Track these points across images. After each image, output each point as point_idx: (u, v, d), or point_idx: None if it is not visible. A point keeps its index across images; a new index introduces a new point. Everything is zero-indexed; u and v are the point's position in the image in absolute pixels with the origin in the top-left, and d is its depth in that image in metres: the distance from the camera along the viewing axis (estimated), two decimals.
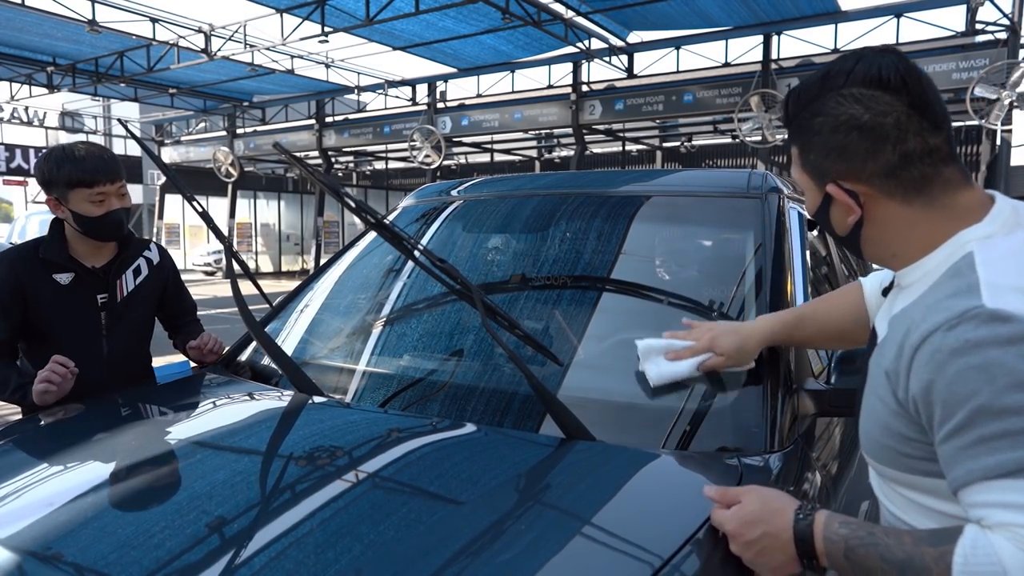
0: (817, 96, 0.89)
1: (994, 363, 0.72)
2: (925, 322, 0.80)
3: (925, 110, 0.85)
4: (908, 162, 0.85)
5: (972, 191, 0.88)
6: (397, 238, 1.25)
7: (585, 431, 1.24)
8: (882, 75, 0.85)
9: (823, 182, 0.91)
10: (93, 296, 1.89)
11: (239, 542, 0.96)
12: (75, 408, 1.68)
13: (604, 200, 1.89)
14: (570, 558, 0.92)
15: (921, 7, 12.02)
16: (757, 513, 0.91)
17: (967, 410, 0.73)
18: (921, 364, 0.78)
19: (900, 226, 0.89)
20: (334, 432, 1.35)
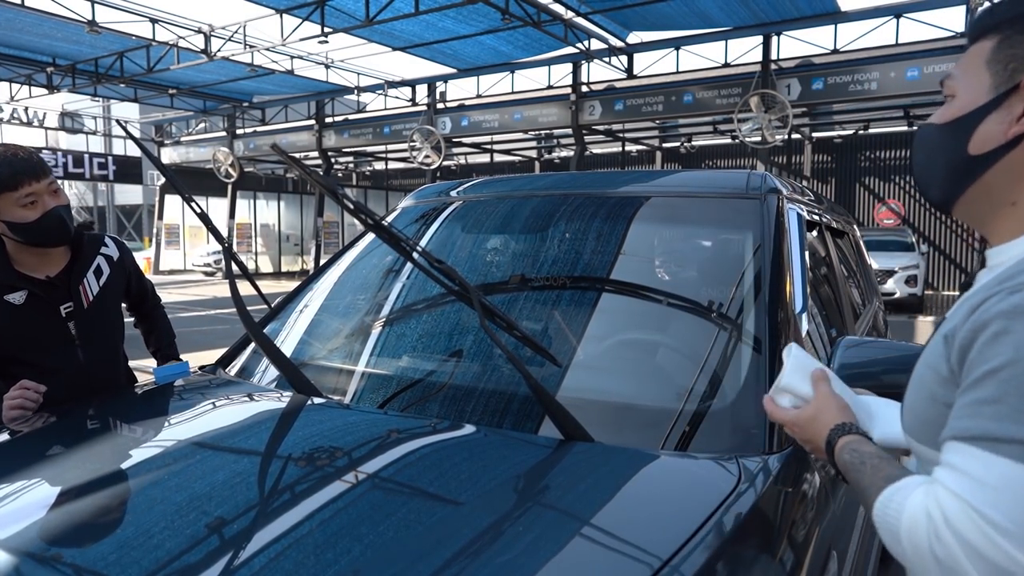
0: None
1: None
2: (993, 287, 0.75)
3: None
4: None
5: None
6: (395, 239, 1.25)
7: (584, 432, 1.24)
8: None
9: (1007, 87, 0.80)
10: (54, 308, 1.74)
11: (238, 543, 0.96)
12: (74, 409, 1.68)
13: (603, 201, 1.89)
14: (569, 559, 0.92)
15: (921, 7, 12.04)
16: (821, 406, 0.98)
17: (981, 371, 0.71)
18: (971, 321, 0.74)
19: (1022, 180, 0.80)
20: (333, 433, 1.35)
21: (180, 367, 1.86)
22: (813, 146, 19.04)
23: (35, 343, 1.72)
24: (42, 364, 1.70)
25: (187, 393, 1.73)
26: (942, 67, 11.65)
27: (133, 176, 24.36)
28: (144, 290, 2.07)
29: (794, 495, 1.23)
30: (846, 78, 12.43)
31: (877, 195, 18.60)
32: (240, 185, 21.75)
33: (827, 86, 12.62)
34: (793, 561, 1.13)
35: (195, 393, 1.72)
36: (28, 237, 1.67)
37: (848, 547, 1.51)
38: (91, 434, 1.47)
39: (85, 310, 1.78)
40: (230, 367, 1.85)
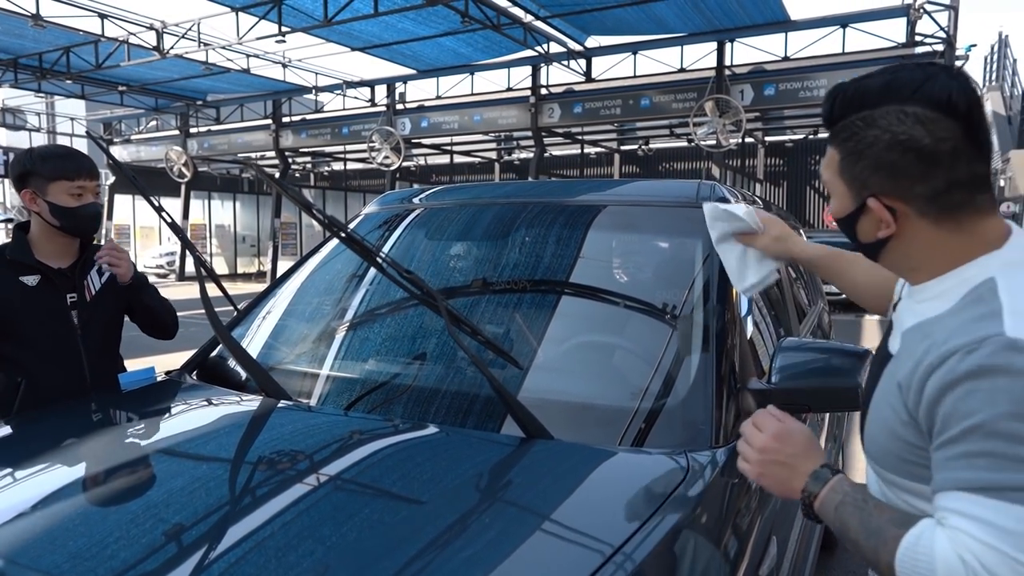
0: (875, 104, 0.87)
1: (1001, 390, 0.76)
2: (946, 344, 0.81)
3: (978, 138, 0.85)
4: (952, 188, 0.86)
5: (997, 219, 0.90)
6: (366, 250, 1.30)
7: (544, 430, 1.31)
8: (952, 100, 0.84)
9: (863, 193, 0.90)
10: (62, 296, 1.92)
11: (202, 546, 0.97)
12: (36, 417, 1.67)
13: (561, 209, 1.96)
14: (528, 550, 0.97)
15: (865, 19, 12.48)
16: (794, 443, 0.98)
17: (962, 426, 0.77)
18: (935, 381, 0.81)
19: (925, 245, 0.90)
20: (300, 436, 1.38)
21: (145, 373, 1.87)
22: (766, 150, 19.54)
23: (40, 325, 1.88)
24: (44, 347, 1.87)
25: (153, 399, 1.73)
26: None
27: None
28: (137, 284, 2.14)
29: (739, 486, 1.30)
30: (796, 84, 12.81)
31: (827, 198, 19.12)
32: (194, 185, 21.21)
33: (779, 92, 12.98)
34: (736, 546, 1.21)
35: (161, 398, 1.72)
36: (64, 221, 1.88)
37: (790, 534, 1.61)
38: (53, 442, 1.46)
39: (88, 303, 1.95)
40: (196, 372, 1.86)
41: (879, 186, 0.89)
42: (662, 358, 1.51)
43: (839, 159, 0.92)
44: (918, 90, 0.85)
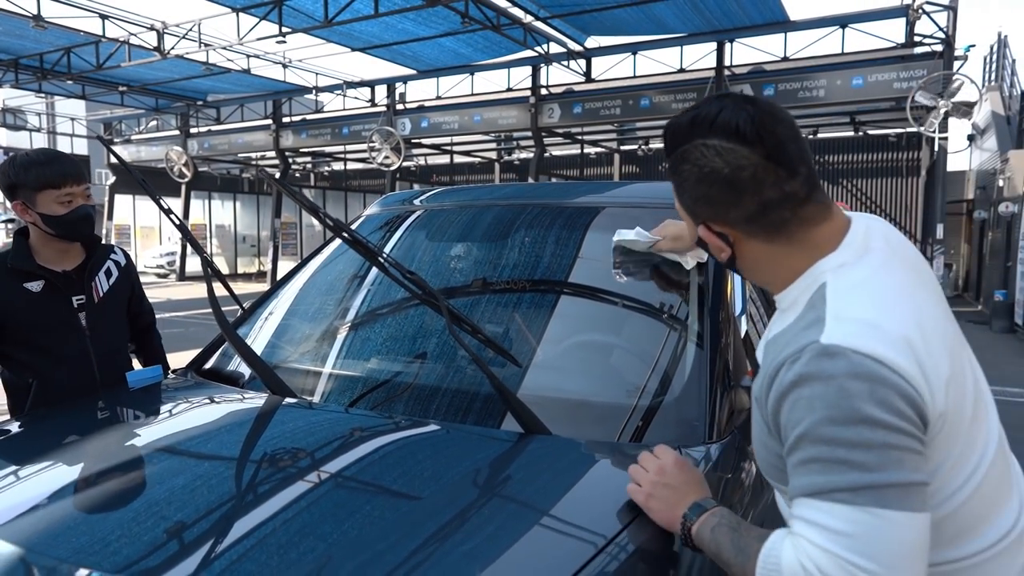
0: (686, 139, 0.93)
1: (817, 396, 0.80)
2: (781, 354, 0.87)
3: (781, 159, 0.89)
4: (767, 209, 0.90)
5: (830, 223, 0.93)
6: (370, 252, 1.33)
7: (543, 426, 1.33)
8: (740, 128, 0.88)
9: (696, 222, 0.98)
10: (68, 299, 1.92)
11: (206, 541, 0.98)
12: (46, 415, 1.70)
13: (560, 210, 1.99)
14: (526, 542, 0.99)
15: (864, 19, 12.50)
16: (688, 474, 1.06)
17: (794, 435, 0.82)
18: (773, 392, 0.86)
19: (766, 261, 0.95)
20: (304, 433, 1.40)
21: (153, 371, 1.91)
22: None
23: (47, 329, 1.88)
24: (53, 350, 1.87)
25: (160, 397, 1.76)
26: (885, 76, 12.13)
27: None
28: (142, 298, 2.21)
29: (732, 480, 1.33)
30: (795, 85, 12.82)
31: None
32: (194, 185, 21.22)
33: (778, 92, 12.98)
34: None
35: (168, 396, 1.74)
36: (58, 229, 1.86)
37: None
38: (63, 440, 1.49)
39: (95, 304, 1.96)
40: (202, 369, 1.89)
41: (703, 215, 0.96)
42: (658, 356, 1.54)
43: (676, 193, 0.99)
44: (713, 123, 0.90)
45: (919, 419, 0.80)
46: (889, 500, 0.77)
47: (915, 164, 17.16)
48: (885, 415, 0.78)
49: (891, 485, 0.77)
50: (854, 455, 0.78)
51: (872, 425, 0.78)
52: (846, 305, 0.85)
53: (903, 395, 0.79)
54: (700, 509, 0.99)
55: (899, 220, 18.29)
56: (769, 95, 13.06)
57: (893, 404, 0.78)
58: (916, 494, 0.79)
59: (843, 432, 0.78)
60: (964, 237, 18.69)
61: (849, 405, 0.78)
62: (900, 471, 0.78)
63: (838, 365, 0.80)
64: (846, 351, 0.80)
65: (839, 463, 0.79)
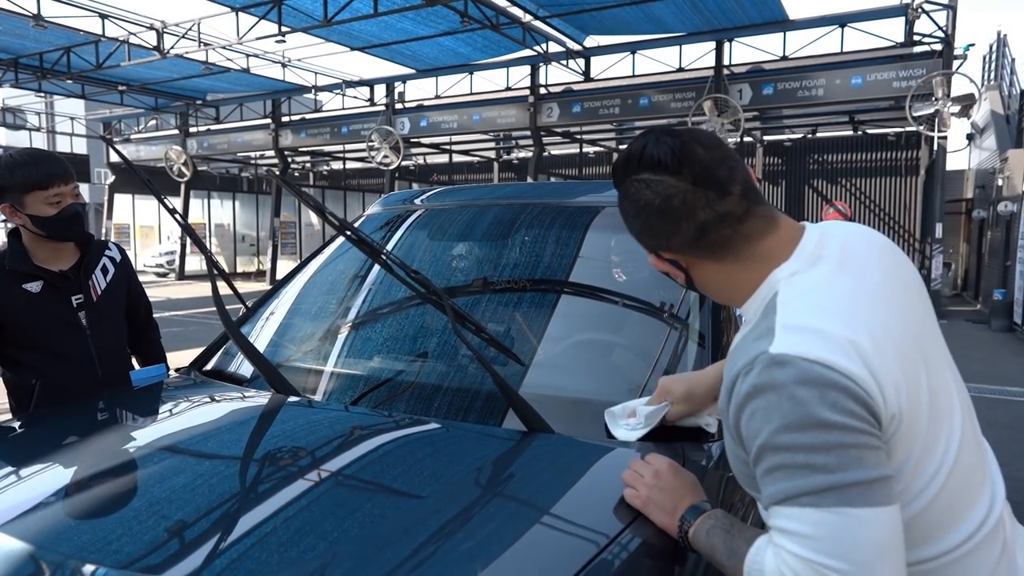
0: (623, 177, 0.99)
1: (771, 406, 0.82)
2: (736, 365, 0.89)
3: (709, 182, 0.93)
4: (705, 231, 0.94)
5: (777, 234, 0.96)
6: (375, 252, 1.34)
7: (545, 424, 1.33)
8: (661, 160, 0.94)
9: (648, 252, 1.03)
10: (67, 299, 1.91)
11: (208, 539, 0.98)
12: (49, 414, 1.70)
13: (561, 210, 2.00)
14: (527, 541, 0.99)
15: (863, 18, 12.50)
16: (684, 479, 1.07)
17: (756, 447, 0.84)
18: (732, 407, 0.89)
19: (721, 279, 0.99)
20: (307, 431, 1.40)
21: (157, 370, 1.90)
22: (764, 149, 19.56)
23: (48, 329, 1.87)
24: (55, 350, 1.86)
25: (164, 395, 1.75)
26: (884, 75, 12.14)
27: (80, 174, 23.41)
28: (140, 295, 2.19)
29: (734, 479, 1.35)
30: (795, 84, 12.82)
31: (825, 197, 19.22)
32: (193, 184, 21.21)
33: (777, 92, 12.99)
34: None
35: (172, 395, 1.74)
36: (48, 230, 1.84)
37: None
38: (68, 438, 1.49)
39: (94, 303, 1.94)
40: (205, 368, 1.89)
41: (650, 244, 1.01)
42: (659, 355, 1.54)
43: (626, 226, 1.04)
44: (640, 158, 0.96)
45: (872, 418, 0.82)
46: (853, 498, 0.79)
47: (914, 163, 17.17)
48: (837, 416, 0.80)
49: (854, 483, 0.79)
50: (813, 458, 0.80)
51: (827, 428, 0.80)
52: (794, 313, 0.88)
53: (853, 396, 0.81)
54: (696, 512, 1.01)
55: (898, 219, 18.30)
56: (768, 94, 13.07)
57: (844, 405, 0.80)
58: (880, 489, 0.80)
59: (799, 438, 0.80)
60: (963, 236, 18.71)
61: (802, 411, 0.80)
62: (861, 469, 0.79)
63: (787, 373, 0.82)
64: (794, 359, 0.82)
65: (800, 468, 0.80)
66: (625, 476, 1.10)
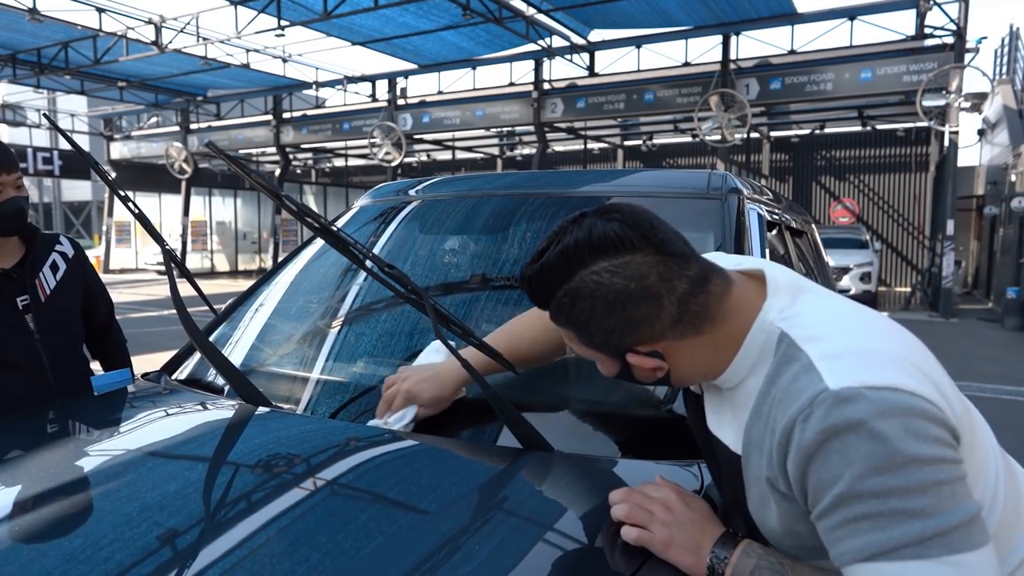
0: (565, 277, 0.84)
1: (850, 448, 0.74)
2: (781, 418, 0.80)
3: (671, 249, 0.83)
4: (685, 303, 0.84)
5: (736, 285, 0.88)
6: (343, 243, 1.19)
7: (543, 441, 1.21)
8: (622, 239, 0.82)
9: (620, 355, 0.88)
10: (10, 300, 1.77)
11: (184, 558, 0.90)
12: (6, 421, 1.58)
13: (564, 201, 1.86)
14: (528, 568, 0.89)
15: (873, 10, 12.38)
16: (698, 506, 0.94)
17: (832, 495, 0.75)
18: (791, 460, 0.79)
19: (703, 352, 0.87)
20: (282, 442, 1.29)
21: (120, 375, 1.77)
22: (771, 145, 19.44)
23: None
24: (1, 358, 1.70)
25: (130, 403, 1.64)
26: (894, 69, 11.98)
27: (81, 172, 23.47)
28: (99, 293, 2.03)
29: None
30: (803, 79, 12.70)
31: (833, 193, 19.10)
32: (195, 181, 21.20)
33: (784, 86, 12.88)
34: None
35: (138, 403, 1.63)
36: None
37: None
38: (27, 448, 1.38)
39: (43, 304, 1.79)
40: (176, 374, 1.77)
41: (626, 342, 0.86)
42: None
43: (576, 336, 0.89)
44: (591, 247, 0.83)
45: (952, 437, 0.76)
46: (960, 542, 0.71)
47: (924, 159, 17.02)
48: (925, 448, 0.73)
49: (955, 527, 0.72)
50: (909, 503, 0.72)
51: (920, 464, 0.72)
52: (827, 342, 0.81)
53: (933, 418, 0.74)
54: (726, 547, 0.89)
55: (907, 216, 18.16)
56: (776, 89, 12.94)
57: (929, 433, 0.73)
58: (977, 527, 0.73)
59: (891, 480, 0.72)
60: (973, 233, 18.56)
61: (887, 449, 0.72)
62: (957, 508, 0.72)
63: (861, 408, 0.74)
64: (860, 390, 0.74)
65: (895, 515, 0.72)
66: (626, 513, 0.94)
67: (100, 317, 2.03)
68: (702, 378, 0.92)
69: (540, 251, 0.87)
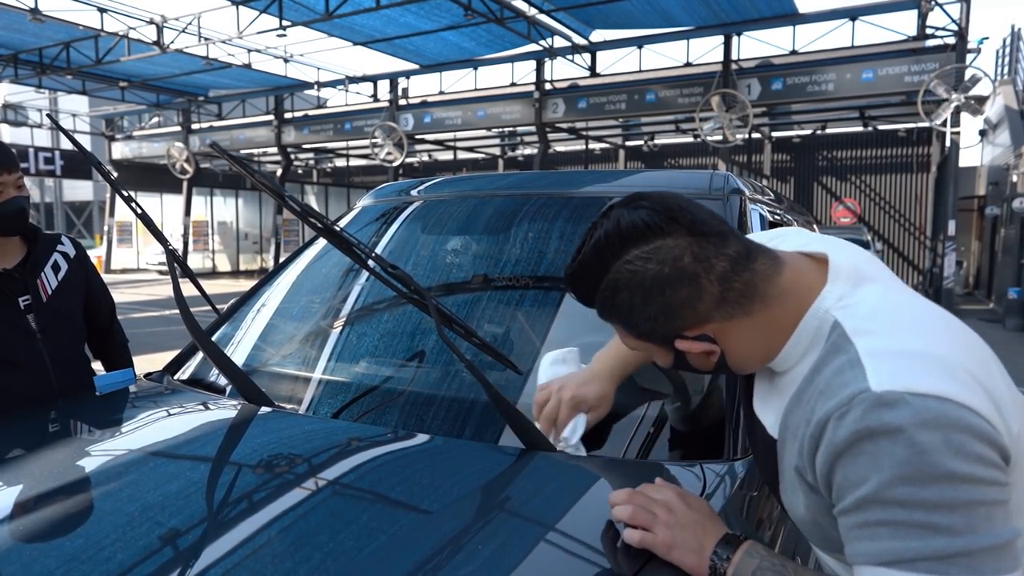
0: (602, 270, 0.85)
1: (883, 453, 0.71)
2: (819, 410, 0.78)
3: (704, 228, 0.83)
4: (727, 282, 0.83)
5: (787, 266, 0.86)
6: (346, 243, 1.19)
7: (545, 441, 1.21)
8: (649, 224, 0.82)
9: (669, 343, 0.88)
10: (12, 300, 1.77)
11: (185, 558, 0.90)
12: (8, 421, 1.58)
13: (567, 201, 1.86)
14: (530, 568, 0.89)
15: (875, 11, 12.38)
16: (699, 505, 0.93)
17: (856, 496, 0.73)
18: (821, 456, 0.77)
19: (756, 335, 0.86)
20: (284, 442, 1.29)
21: (123, 375, 1.77)
22: (773, 145, 19.43)
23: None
24: (3, 357, 1.71)
25: (132, 403, 1.64)
26: (895, 70, 11.97)
27: (82, 171, 23.47)
28: (100, 293, 2.04)
29: (759, 498, 1.21)
30: (804, 79, 12.69)
31: (834, 193, 19.08)
32: (196, 181, 21.21)
33: (786, 87, 12.87)
34: None
35: (141, 402, 1.63)
36: None
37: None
38: (30, 448, 1.38)
39: (44, 304, 1.79)
40: (178, 373, 1.77)
41: (673, 328, 0.86)
42: None
43: (624, 330, 0.90)
44: (621, 237, 0.83)
45: (1001, 459, 0.71)
46: (984, 566, 0.68)
47: (925, 159, 17.01)
48: (966, 467, 0.69)
49: (983, 549, 0.69)
50: (936, 518, 0.69)
51: (954, 481, 0.69)
52: (878, 338, 0.77)
53: (980, 435, 0.70)
54: (728, 546, 0.88)
55: (909, 216, 18.14)
56: (777, 89, 12.94)
57: (972, 450, 0.69)
58: (1008, 553, 0.70)
59: (920, 492, 0.69)
60: (974, 234, 18.54)
61: (923, 461, 0.69)
62: (991, 531, 0.69)
63: (901, 415, 0.70)
64: (903, 396, 0.71)
65: (918, 527, 0.69)
66: (629, 515, 0.93)
67: (102, 317, 2.03)
68: (759, 363, 0.90)
69: (576, 250, 0.87)
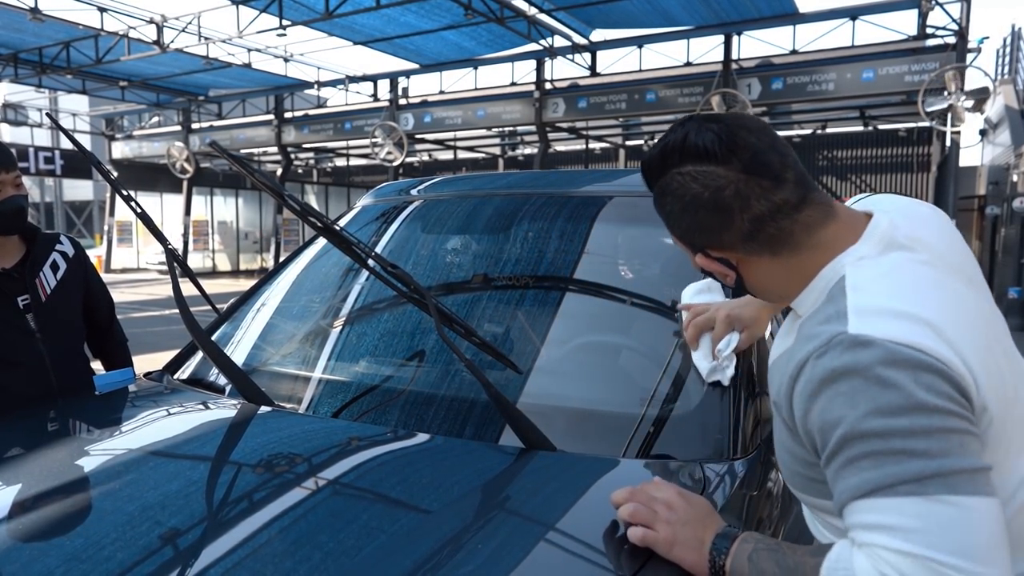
0: (661, 171, 0.91)
1: (856, 390, 0.74)
2: (800, 351, 0.82)
3: (761, 170, 0.86)
4: (760, 224, 0.87)
5: (837, 221, 0.89)
6: (346, 243, 1.19)
7: (545, 441, 1.21)
8: (708, 148, 0.86)
9: (693, 252, 0.95)
10: (11, 299, 1.77)
11: (185, 557, 0.91)
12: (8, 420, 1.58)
13: (566, 200, 1.86)
14: (530, 567, 0.89)
15: (875, 10, 12.36)
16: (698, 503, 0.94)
17: (836, 436, 0.76)
18: (798, 394, 0.81)
19: (776, 275, 0.91)
20: (284, 442, 1.30)
21: (123, 374, 1.77)
22: None
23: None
24: (2, 356, 1.71)
25: (132, 402, 1.65)
26: (896, 69, 11.96)
27: (82, 171, 23.45)
28: (100, 293, 2.04)
29: (759, 498, 1.22)
30: (804, 79, 12.68)
31: (835, 193, 19.07)
32: (196, 181, 21.19)
33: (786, 86, 12.86)
34: None
35: (141, 402, 1.64)
36: None
37: None
38: (31, 447, 1.38)
39: (43, 303, 1.80)
40: (178, 373, 1.77)
41: (698, 243, 0.93)
42: (671, 359, 1.40)
43: (667, 227, 0.97)
44: (682, 150, 0.88)
45: (968, 404, 0.75)
46: (961, 485, 0.70)
47: (926, 159, 17.00)
48: (936, 399, 0.72)
49: (960, 471, 0.71)
50: (912, 443, 0.72)
51: (926, 411, 0.72)
52: (869, 297, 0.81)
53: (947, 379, 0.74)
54: (726, 539, 0.89)
55: None
56: (778, 89, 12.92)
57: (940, 388, 0.73)
58: (984, 479, 0.72)
59: (894, 422, 0.72)
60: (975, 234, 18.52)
61: (895, 394, 0.73)
62: (964, 456, 0.72)
63: (873, 354, 0.74)
64: (876, 339, 0.75)
65: (896, 454, 0.72)
66: (631, 513, 0.94)
67: (101, 316, 2.03)
68: (776, 298, 0.97)
69: (655, 144, 0.93)
